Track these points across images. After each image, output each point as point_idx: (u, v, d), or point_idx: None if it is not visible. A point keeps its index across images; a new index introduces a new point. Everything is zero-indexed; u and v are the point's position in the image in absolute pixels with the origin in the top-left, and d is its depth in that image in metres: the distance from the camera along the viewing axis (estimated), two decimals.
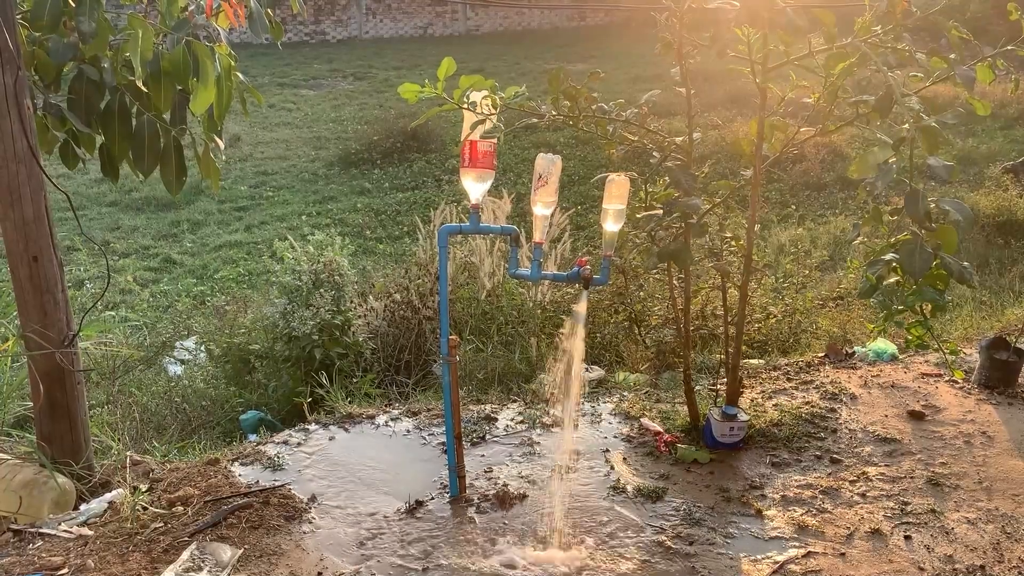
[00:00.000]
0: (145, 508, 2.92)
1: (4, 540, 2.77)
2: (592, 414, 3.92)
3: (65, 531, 2.80)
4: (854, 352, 4.73)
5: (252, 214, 11.19)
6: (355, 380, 4.66)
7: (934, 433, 3.72)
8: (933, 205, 2.65)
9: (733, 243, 3.71)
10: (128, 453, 3.40)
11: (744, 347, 4.12)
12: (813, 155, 11.14)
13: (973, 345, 4.72)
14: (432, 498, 3.15)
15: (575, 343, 2.97)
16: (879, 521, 3.02)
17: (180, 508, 2.94)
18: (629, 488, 3.24)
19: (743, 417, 3.52)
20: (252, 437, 4.12)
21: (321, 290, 5.12)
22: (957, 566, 2.77)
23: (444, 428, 3.41)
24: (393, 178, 12.23)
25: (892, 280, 2.87)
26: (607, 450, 3.56)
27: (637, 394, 4.18)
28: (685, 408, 3.72)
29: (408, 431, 3.73)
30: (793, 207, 9.91)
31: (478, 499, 3.14)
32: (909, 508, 3.11)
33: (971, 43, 2.78)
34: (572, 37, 22.23)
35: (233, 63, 3.15)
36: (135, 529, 2.80)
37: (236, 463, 3.36)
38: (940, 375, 4.34)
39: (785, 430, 3.69)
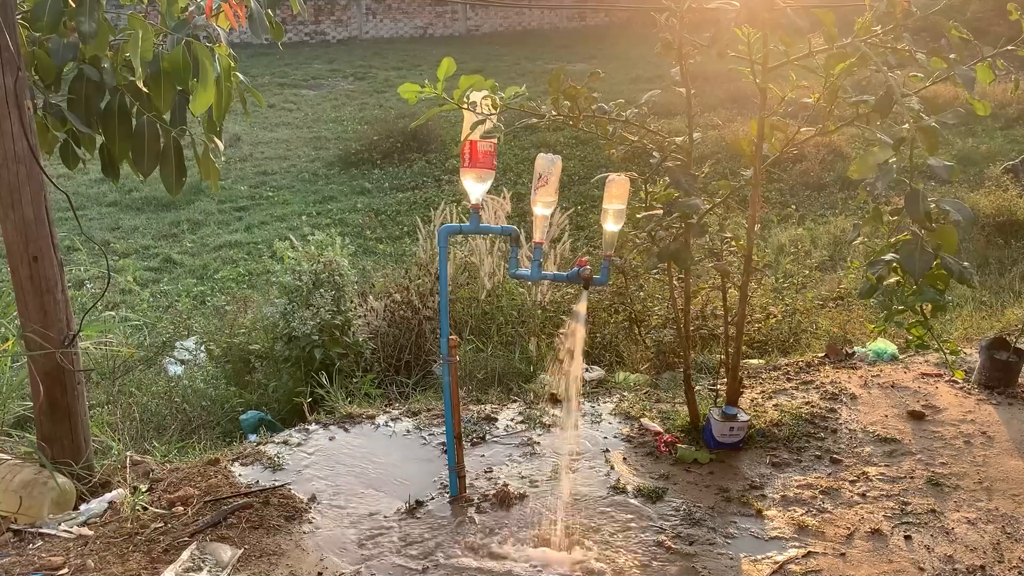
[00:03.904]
0: (145, 508, 2.92)
1: (4, 540, 2.77)
2: (592, 414, 3.92)
3: (65, 531, 2.80)
4: (854, 352, 4.73)
5: (252, 214, 11.18)
6: (355, 380, 4.66)
7: (934, 433, 3.72)
8: (933, 205, 2.65)
9: (733, 243, 3.71)
10: (128, 453, 3.40)
11: (744, 347, 4.12)
12: (813, 155, 11.13)
13: (973, 345, 4.72)
14: (432, 498, 3.15)
15: (575, 343, 2.97)
16: (879, 521, 3.02)
17: (180, 508, 2.94)
18: (629, 488, 3.24)
19: (743, 417, 3.52)
20: (252, 437, 4.11)
21: (321, 290, 5.12)
22: (957, 566, 2.77)
23: (444, 428, 3.41)
24: (393, 178, 12.22)
25: (892, 280, 2.87)
26: (607, 450, 3.56)
27: (637, 394, 4.18)
28: (685, 408, 3.72)
29: (408, 431, 3.73)
30: (793, 207, 9.90)
31: (478, 499, 3.14)
32: (909, 508, 3.11)
33: (971, 43, 2.78)
34: (572, 37, 22.22)
35: (233, 64, 3.15)
36: (135, 529, 2.80)
37: (236, 463, 3.36)
38: (940, 375, 4.34)
39: (785, 430, 3.69)
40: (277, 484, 3.17)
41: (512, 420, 3.85)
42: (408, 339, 5.11)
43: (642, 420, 3.80)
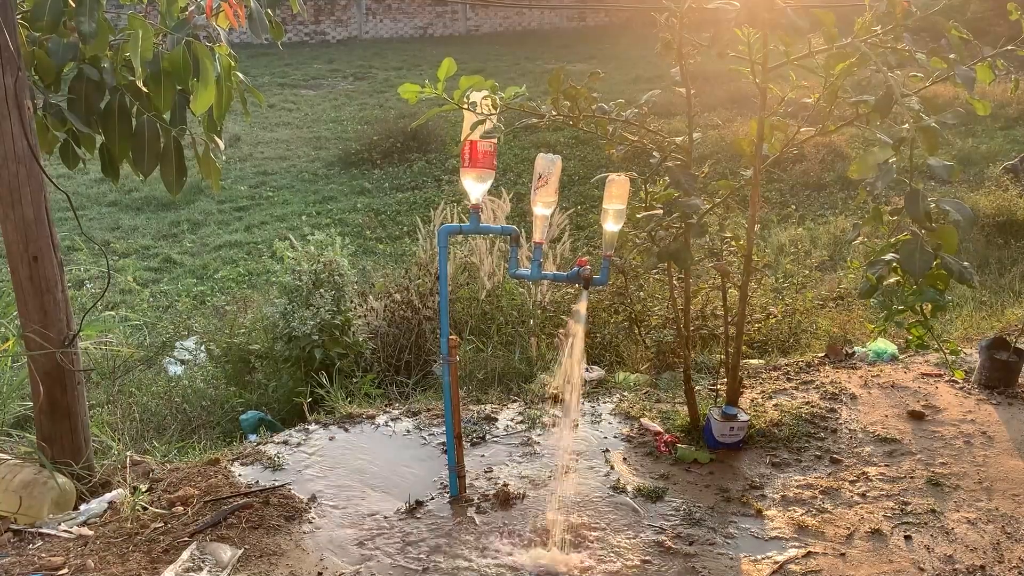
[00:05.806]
0: (145, 508, 2.92)
1: (4, 540, 2.77)
2: (592, 414, 3.92)
3: (65, 531, 2.80)
4: (854, 352, 4.73)
5: (252, 214, 11.18)
6: (355, 380, 4.66)
7: (934, 433, 3.72)
8: (933, 205, 2.65)
9: (733, 243, 3.71)
10: (128, 453, 3.40)
11: (744, 347, 4.12)
12: (813, 155, 11.13)
13: (973, 345, 4.72)
14: (432, 498, 3.15)
15: (575, 343, 2.97)
16: (879, 521, 3.02)
17: (180, 508, 2.94)
18: (629, 488, 3.24)
19: (743, 417, 3.52)
20: (252, 437, 4.11)
21: (321, 290, 5.12)
22: (957, 566, 2.77)
23: (444, 428, 3.41)
24: (393, 178, 12.22)
25: (892, 280, 2.87)
26: (607, 450, 3.56)
27: (637, 394, 4.18)
28: (685, 408, 3.72)
29: (408, 431, 3.73)
30: (793, 207, 9.91)
31: (478, 499, 3.14)
32: (909, 508, 3.11)
33: (971, 43, 2.78)
34: (572, 38, 22.22)
35: (233, 63, 3.15)
36: (135, 529, 2.80)
37: (236, 463, 3.36)
38: (940, 375, 4.34)
39: (785, 430, 3.69)
40: (277, 484, 3.17)
41: (512, 420, 3.86)
42: (408, 339, 5.11)
43: (642, 420, 3.80)
